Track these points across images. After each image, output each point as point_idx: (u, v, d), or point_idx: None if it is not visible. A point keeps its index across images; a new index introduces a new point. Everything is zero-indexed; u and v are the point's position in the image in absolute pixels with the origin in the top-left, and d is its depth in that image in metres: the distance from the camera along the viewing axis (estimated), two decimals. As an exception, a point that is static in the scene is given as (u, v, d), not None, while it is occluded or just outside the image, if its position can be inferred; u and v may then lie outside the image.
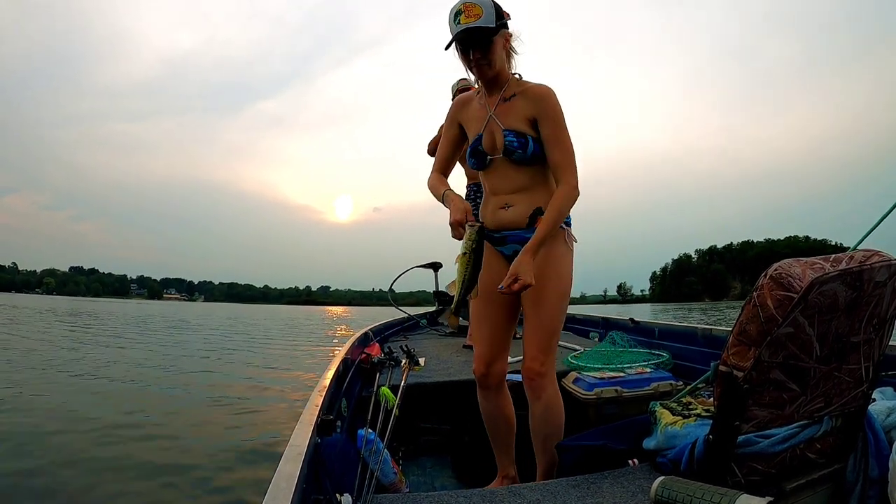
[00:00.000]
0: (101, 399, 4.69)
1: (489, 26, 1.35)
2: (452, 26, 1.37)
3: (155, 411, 4.28)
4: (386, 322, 3.99)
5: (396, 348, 2.44)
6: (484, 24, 1.34)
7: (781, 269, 0.90)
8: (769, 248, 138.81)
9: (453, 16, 1.37)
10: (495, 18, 1.36)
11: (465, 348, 3.13)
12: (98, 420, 3.84)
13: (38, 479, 2.65)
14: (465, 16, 1.35)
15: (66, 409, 4.14)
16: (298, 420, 1.21)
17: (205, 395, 5.00)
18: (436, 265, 5.43)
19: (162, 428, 3.77)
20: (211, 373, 6.66)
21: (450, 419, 2.17)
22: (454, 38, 1.38)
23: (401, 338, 3.81)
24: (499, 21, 1.38)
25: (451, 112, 1.57)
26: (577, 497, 1.12)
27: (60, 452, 3.07)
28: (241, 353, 9.26)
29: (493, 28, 1.36)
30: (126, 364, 7.04)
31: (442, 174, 1.58)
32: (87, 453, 3.09)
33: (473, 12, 1.35)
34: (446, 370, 2.43)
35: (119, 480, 2.70)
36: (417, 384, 2.12)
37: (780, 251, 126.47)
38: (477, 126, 1.49)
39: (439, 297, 5.24)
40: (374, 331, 3.28)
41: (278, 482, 0.86)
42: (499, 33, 1.39)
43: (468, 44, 1.39)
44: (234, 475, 2.83)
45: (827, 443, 1.10)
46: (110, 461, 2.98)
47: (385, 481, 1.45)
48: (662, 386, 1.97)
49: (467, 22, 1.34)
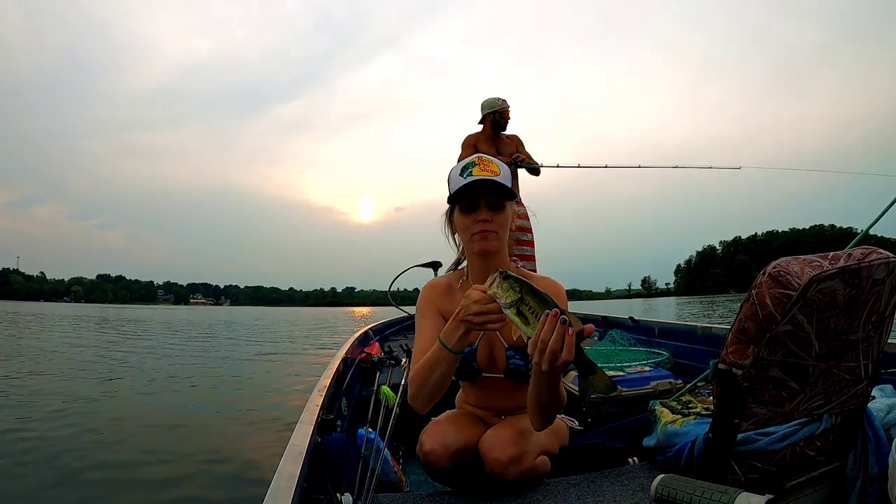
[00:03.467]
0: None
1: (506, 185, 1.16)
2: (457, 181, 1.15)
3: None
4: (385, 321, 3.99)
5: (396, 347, 2.44)
6: (502, 180, 1.15)
7: (780, 266, 0.90)
8: (794, 237, 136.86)
9: (461, 170, 1.16)
10: (510, 186, 1.18)
11: None
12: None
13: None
14: (479, 168, 1.15)
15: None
16: (299, 419, 1.21)
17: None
18: (435, 264, 5.42)
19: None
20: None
21: None
22: (458, 190, 1.14)
23: (400, 337, 3.82)
24: (511, 193, 1.19)
25: (429, 299, 1.24)
26: (577, 495, 1.12)
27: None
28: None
29: (509, 189, 1.17)
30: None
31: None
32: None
33: (490, 168, 1.16)
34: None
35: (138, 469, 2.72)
36: None
37: (805, 241, 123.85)
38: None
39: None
40: (373, 330, 3.28)
41: (279, 481, 0.86)
42: (512, 200, 1.20)
43: (478, 195, 1.14)
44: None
45: (826, 440, 1.10)
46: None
47: (385, 480, 1.46)
48: (662, 384, 1.97)
49: (482, 174, 1.14)
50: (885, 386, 1.37)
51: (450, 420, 1.26)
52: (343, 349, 2.22)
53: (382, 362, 2.17)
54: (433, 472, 1.19)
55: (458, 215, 1.18)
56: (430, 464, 1.16)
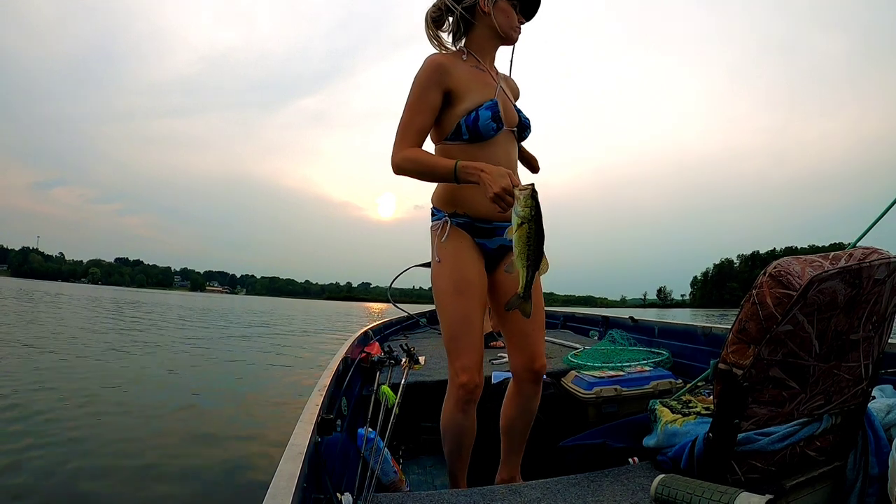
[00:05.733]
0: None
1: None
2: None
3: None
4: (385, 321, 4.00)
5: (396, 347, 2.44)
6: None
7: (781, 266, 0.90)
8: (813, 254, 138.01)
9: None
10: None
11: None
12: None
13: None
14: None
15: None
16: (298, 419, 1.21)
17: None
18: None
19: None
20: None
21: None
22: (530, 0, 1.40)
23: (400, 336, 3.82)
24: None
25: (432, 74, 1.30)
26: (577, 495, 1.12)
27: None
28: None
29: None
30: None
31: (420, 148, 1.32)
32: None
33: None
34: (446, 369, 2.43)
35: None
36: (418, 383, 2.12)
37: None
38: (484, 91, 1.34)
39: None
40: (373, 330, 3.28)
41: (278, 481, 0.86)
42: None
43: (533, 11, 1.42)
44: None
45: (827, 440, 1.10)
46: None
47: (385, 480, 1.46)
48: (662, 384, 1.97)
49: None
50: (885, 386, 1.37)
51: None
52: (343, 349, 2.22)
53: (382, 362, 2.17)
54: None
55: (507, 6, 1.37)
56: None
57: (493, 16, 1.37)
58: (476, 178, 1.18)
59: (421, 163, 1.27)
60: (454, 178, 1.22)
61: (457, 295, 1.33)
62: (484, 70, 1.39)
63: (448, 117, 1.33)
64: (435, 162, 1.26)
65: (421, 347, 3.06)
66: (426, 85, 1.30)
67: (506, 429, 1.53)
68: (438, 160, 1.26)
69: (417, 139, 1.31)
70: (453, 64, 1.34)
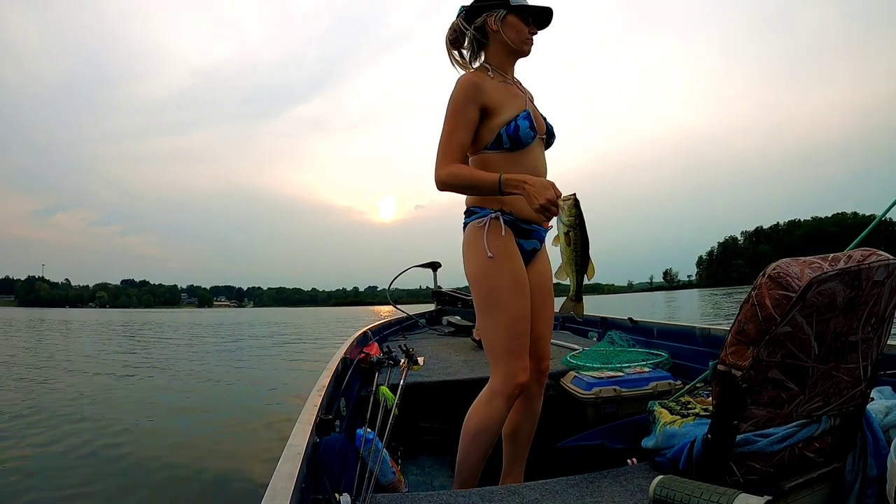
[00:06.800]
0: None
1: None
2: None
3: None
4: (384, 322, 4.00)
5: (395, 348, 2.44)
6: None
7: (780, 268, 0.90)
8: (816, 226, 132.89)
9: None
10: None
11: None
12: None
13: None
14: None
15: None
16: (297, 420, 1.21)
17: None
18: (434, 265, 5.43)
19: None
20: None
21: (449, 418, 2.17)
22: (537, 8, 1.42)
23: (399, 337, 3.82)
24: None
25: (467, 92, 1.36)
26: (575, 496, 1.12)
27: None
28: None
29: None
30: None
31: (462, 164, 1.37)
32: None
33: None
34: (445, 369, 2.42)
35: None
36: (416, 384, 2.11)
37: (827, 229, 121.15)
38: (515, 102, 1.40)
39: (438, 297, 5.25)
40: (372, 330, 3.28)
41: (277, 482, 0.86)
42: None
43: (546, 22, 1.45)
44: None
45: (825, 442, 1.10)
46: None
47: (384, 481, 1.45)
48: (661, 385, 1.97)
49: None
50: (884, 388, 1.37)
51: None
52: (342, 349, 2.22)
53: (381, 363, 2.17)
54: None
55: (516, 20, 1.42)
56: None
57: (502, 32, 1.42)
58: (520, 190, 1.24)
59: (465, 178, 1.32)
60: (498, 190, 1.27)
61: (517, 293, 1.34)
62: (510, 83, 1.45)
63: (485, 130, 1.39)
64: (479, 176, 1.31)
65: (420, 348, 3.06)
66: (463, 103, 1.36)
67: (510, 434, 1.52)
68: (482, 174, 1.31)
69: (459, 155, 1.35)
70: (484, 81, 1.39)
